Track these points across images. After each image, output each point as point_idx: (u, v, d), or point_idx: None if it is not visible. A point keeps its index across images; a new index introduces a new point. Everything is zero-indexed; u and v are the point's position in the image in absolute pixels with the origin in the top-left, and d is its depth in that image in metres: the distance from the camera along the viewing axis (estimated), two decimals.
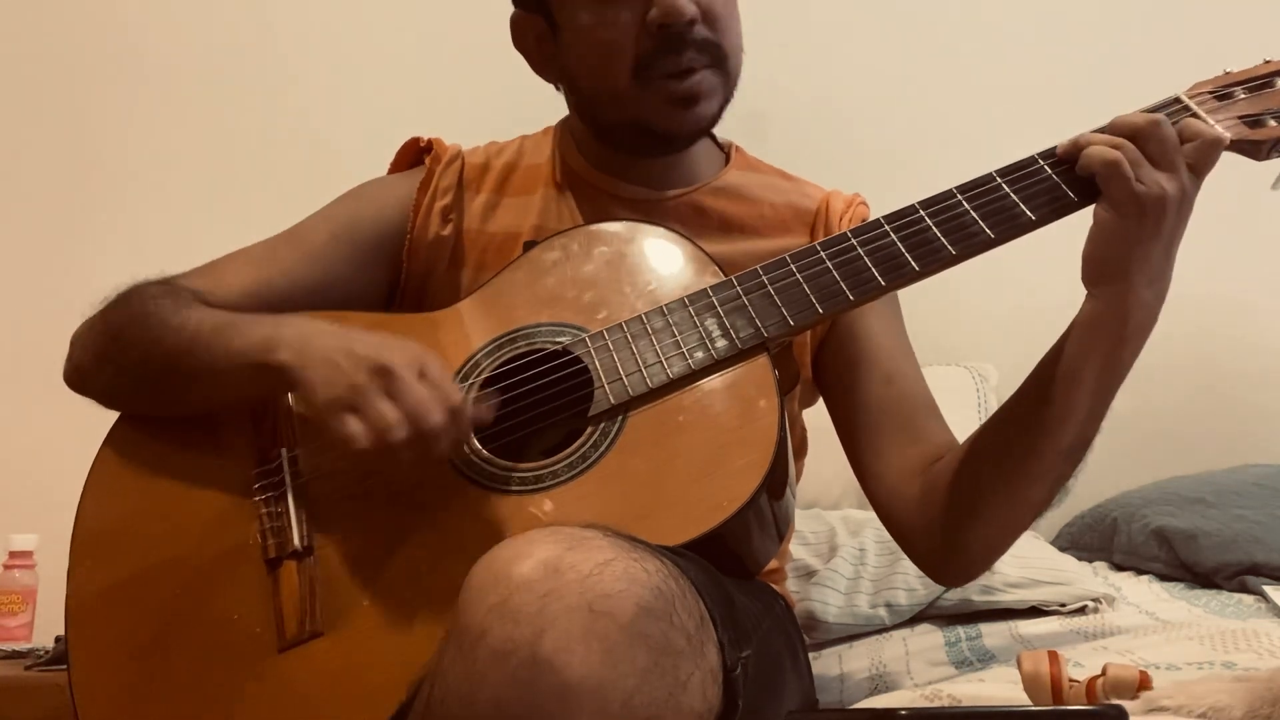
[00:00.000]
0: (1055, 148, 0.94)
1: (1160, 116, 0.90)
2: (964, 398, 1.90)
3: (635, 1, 1.02)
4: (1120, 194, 0.88)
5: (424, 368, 0.86)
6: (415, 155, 1.19)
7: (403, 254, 1.12)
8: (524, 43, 1.14)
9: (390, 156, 1.21)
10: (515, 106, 1.25)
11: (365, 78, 2.17)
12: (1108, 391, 0.94)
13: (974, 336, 2.05)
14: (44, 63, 2.14)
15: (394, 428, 0.83)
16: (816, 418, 1.19)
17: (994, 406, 1.92)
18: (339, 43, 2.21)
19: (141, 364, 0.98)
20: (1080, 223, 0.94)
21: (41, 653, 1.47)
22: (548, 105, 1.18)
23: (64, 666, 0.90)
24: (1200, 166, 0.90)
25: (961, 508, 0.99)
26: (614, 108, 1.08)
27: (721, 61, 1.06)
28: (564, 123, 1.19)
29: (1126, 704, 0.74)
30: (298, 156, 2.09)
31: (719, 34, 1.05)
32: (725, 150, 1.20)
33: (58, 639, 1.48)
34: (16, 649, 1.57)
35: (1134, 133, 0.90)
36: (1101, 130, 0.92)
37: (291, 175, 2.02)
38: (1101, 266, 0.91)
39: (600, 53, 1.05)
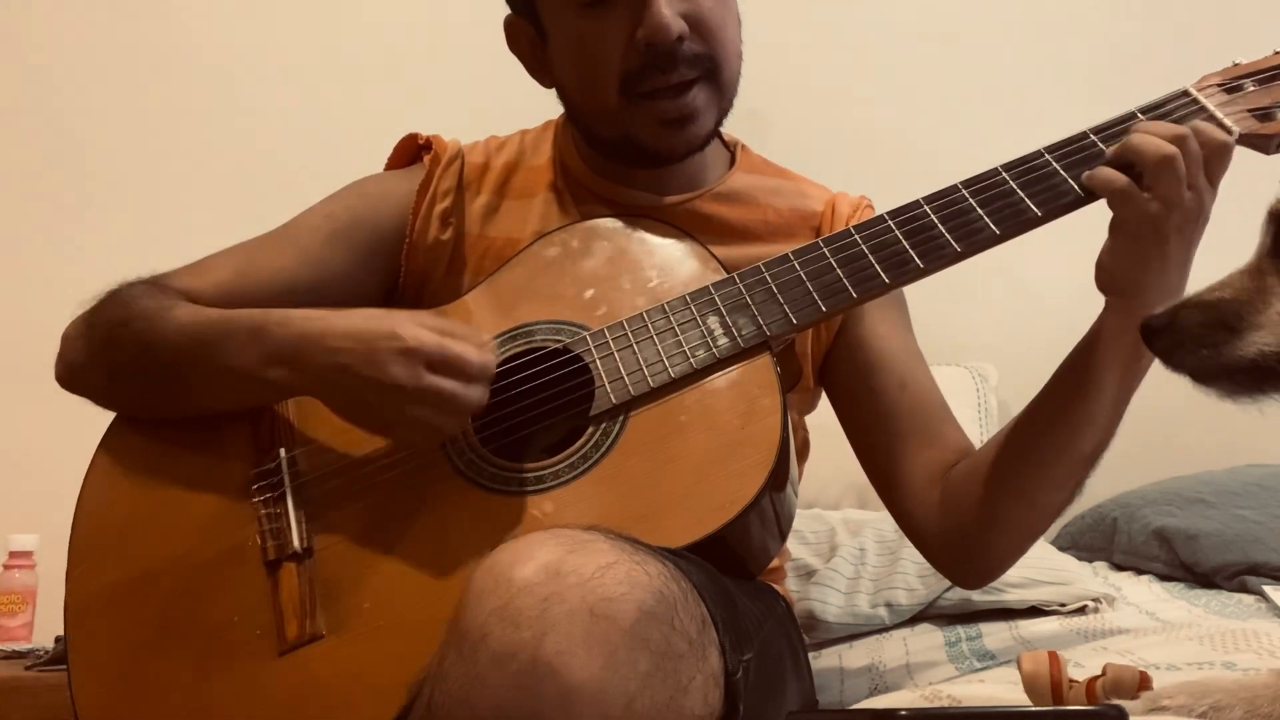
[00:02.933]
0: (1063, 140, 0.93)
1: (1174, 151, 0.86)
2: (964, 398, 1.90)
3: (622, 17, 1.00)
4: (1132, 217, 0.87)
5: (435, 331, 0.87)
6: (413, 151, 1.17)
7: (401, 257, 1.11)
8: (518, 46, 1.12)
9: (387, 150, 1.19)
10: (514, 100, 1.24)
11: (362, 71, 2.16)
12: (1127, 396, 0.94)
13: (974, 336, 2.05)
14: (35, 60, 2.13)
15: (459, 394, 0.85)
16: (816, 417, 1.19)
17: (994, 406, 1.94)
18: (334, 36, 2.20)
19: (133, 367, 0.98)
20: (1083, 221, 0.93)
21: (41, 653, 1.47)
22: (547, 100, 1.17)
23: (64, 666, 0.89)
24: (1213, 175, 0.88)
25: (983, 513, 0.99)
26: (604, 123, 1.06)
27: (714, 74, 1.03)
28: (564, 123, 1.17)
29: (1127, 703, 0.74)
30: (292, 151, 2.09)
31: (711, 45, 1.02)
32: (731, 150, 1.18)
33: (58, 639, 1.47)
34: (16, 649, 1.57)
35: (1156, 153, 0.86)
36: (1121, 147, 0.89)
37: (286, 170, 2.01)
38: (1114, 278, 0.91)
39: (587, 68, 1.04)
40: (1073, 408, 0.94)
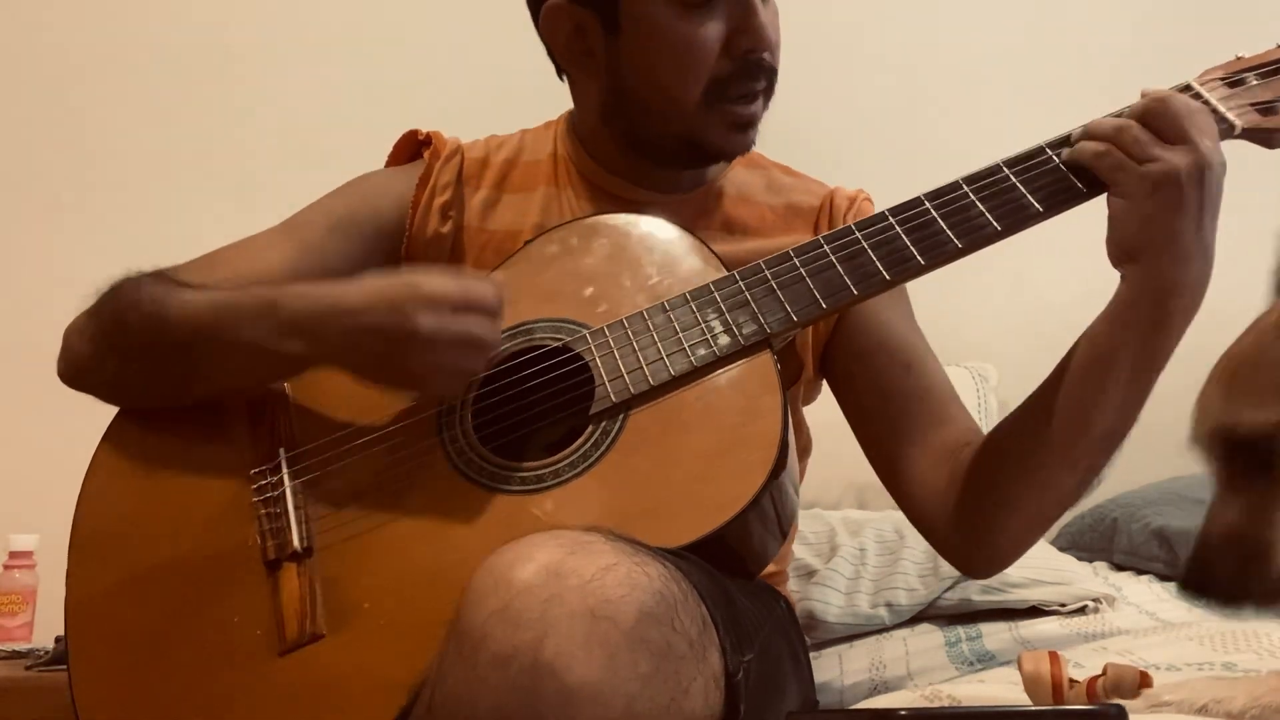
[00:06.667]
0: (1065, 135, 0.93)
1: (1165, 93, 0.87)
2: (964, 398, 1.89)
3: (721, 21, 1.02)
4: (1121, 178, 0.86)
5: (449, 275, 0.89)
6: (413, 148, 1.17)
7: (401, 251, 1.11)
8: (554, 30, 1.08)
9: (388, 148, 1.19)
10: (513, 99, 1.24)
11: (363, 68, 2.16)
12: (1145, 378, 0.91)
13: (974, 336, 2.05)
14: (35, 56, 2.13)
15: (486, 333, 0.87)
16: (816, 417, 1.18)
17: (994, 406, 1.94)
18: (334, 33, 2.20)
19: (143, 350, 0.96)
20: (1084, 221, 0.93)
21: (41, 653, 1.47)
22: (548, 101, 1.17)
23: (64, 667, 0.89)
24: (1189, 129, 0.85)
25: (990, 496, 0.97)
26: (668, 121, 1.06)
27: (772, 87, 1.08)
28: (568, 119, 1.17)
29: (1129, 701, 0.74)
30: (294, 148, 2.09)
31: (776, 60, 1.07)
32: None
33: (58, 639, 1.47)
34: (16, 649, 1.57)
35: (1142, 112, 0.87)
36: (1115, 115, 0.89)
37: (287, 167, 2.01)
38: (1123, 247, 0.88)
39: (674, 66, 1.03)
40: (1086, 385, 0.91)
